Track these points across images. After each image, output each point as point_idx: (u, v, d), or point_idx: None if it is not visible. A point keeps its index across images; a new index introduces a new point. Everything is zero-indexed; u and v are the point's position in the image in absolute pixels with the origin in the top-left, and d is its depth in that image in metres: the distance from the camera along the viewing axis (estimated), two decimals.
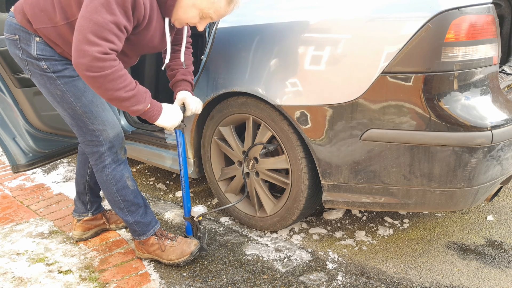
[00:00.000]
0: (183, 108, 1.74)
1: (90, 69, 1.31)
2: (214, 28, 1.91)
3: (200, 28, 1.52)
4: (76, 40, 1.30)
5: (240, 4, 1.50)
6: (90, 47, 1.28)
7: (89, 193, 2.03)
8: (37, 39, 1.54)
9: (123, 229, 2.17)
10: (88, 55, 1.29)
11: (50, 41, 1.54)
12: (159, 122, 1.56)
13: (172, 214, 2.35)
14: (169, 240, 1.84)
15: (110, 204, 1.82)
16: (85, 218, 2.06)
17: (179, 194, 2.63)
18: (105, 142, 1.67)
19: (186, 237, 1.90)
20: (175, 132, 1.80)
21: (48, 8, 1.47)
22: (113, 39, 1.32)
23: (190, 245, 1.82)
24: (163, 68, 1.76)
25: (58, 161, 3.27)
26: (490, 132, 1.43)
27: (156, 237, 1.84)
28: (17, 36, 1.56)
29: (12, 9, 1.58)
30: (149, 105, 1.49)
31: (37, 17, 1.49)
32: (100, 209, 2.12)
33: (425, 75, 1.43)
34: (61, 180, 2.93)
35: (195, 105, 1.75)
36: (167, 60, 1.64)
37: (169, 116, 1.59)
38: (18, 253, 1.98)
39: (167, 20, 1.52)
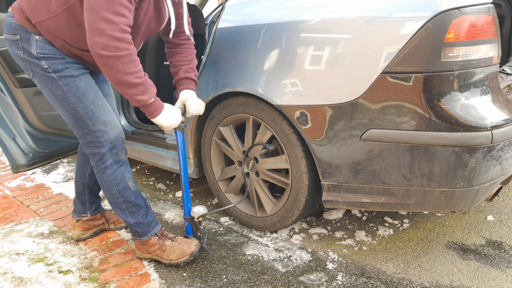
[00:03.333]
0: (184, 109, 1.74)
1: (106, 48, 1.32)
2: (214, 28, 1.91)
3: None
4: (89, 20, 1.31)
5: None
6: (105, 25, 1.29)
7: (88, 193, 2.03)
8: (37, 37, 1.54)
9: (123, 229, 2.17)
10: (105, 33, 1.29)
11: (51, 35, 1.52)
12: (158, 120, 1.58)
13: (172, 214, 2.35)
14: (170, 240, 1.84)
15: (111, 205, 1.82)
16: (84, 218, 2.07)
17: (179, 194, 2.63)
18: (106, 143, 1.66)
19: (186, 237, 1.90)
20: (175, 132, 1.80)
21: None
22: (125, 13, 1.32)
23: (190, 245, 1.82)
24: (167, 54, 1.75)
25: (58, 161, 3.27)
26: (490, 132, 1.43)
27: (157, 238, 1.84)
28: (17, 36, 1.55)
29: (10, 9, 1.58)
30: (153, 99, 1.51)
31: (35, 11, 1.49)
32: (100, 209, 2.12)
33: (425, 75, 1.43)
34: (61, 180, 2.93)
35: (196, 107, 1.74)
36: (173, 27, 1.60)
37: (168, 116, 1.61)
38: (18, 253, 1.98)
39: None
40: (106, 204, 2.44)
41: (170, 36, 1.71)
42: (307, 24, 1.64)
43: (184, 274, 1.79)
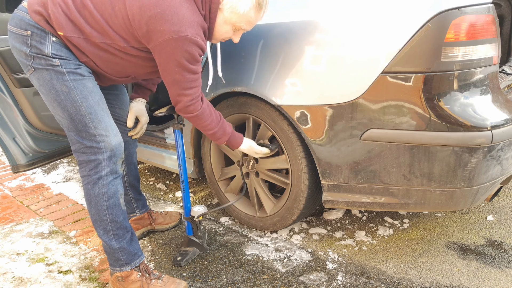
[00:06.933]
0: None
1: (182, 110, 1.61)
2: None
3: (236, 40, 1.61)
4: (172, 92, 1.57)
5: (268, 8, 1.56)
6: (182, 97, 1.56)
7: (131, 191, 2.01)
8: (54, 38, 1.45)
9: (167, 231, 2.16)
10: (180, 103, 1.58)
11: (76, 49, 1.48)
12: (241, 149, 1.81)
13: None
14: (155, 279, 1.64)
15: (94, 224, 1.61)
16: (133, 218, 2.05)
17: (179, 194, 2.64)
18: (106, 150, 1.52)
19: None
20: (174, 132, 1.80)
21: (79, 21, 1.43)
22: (195, 85, 1.55)
23: (179, 287, 1.63)
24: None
25: (58, 161, 3.27)
26: (490, 132, 1.43)
27: (139, 274, 1.64)
28: (29, 32, 1.43)
29: (26, 4, 1.47)
30: (229, 137, 1.74)
31: (63, 24, 1.43)
32: (146, 207, 2.10)
33: (425, 75, 1.43)
34: (61, 180, 2.93)
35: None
36: (210, 82, 1.85)
37: (247, 145, 1.82)
38: (18, 253, 1.98)
39: (208, 43, 1.73)
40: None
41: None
42: (307, 24, 1.64)
43: (184, 274, 1.79)
